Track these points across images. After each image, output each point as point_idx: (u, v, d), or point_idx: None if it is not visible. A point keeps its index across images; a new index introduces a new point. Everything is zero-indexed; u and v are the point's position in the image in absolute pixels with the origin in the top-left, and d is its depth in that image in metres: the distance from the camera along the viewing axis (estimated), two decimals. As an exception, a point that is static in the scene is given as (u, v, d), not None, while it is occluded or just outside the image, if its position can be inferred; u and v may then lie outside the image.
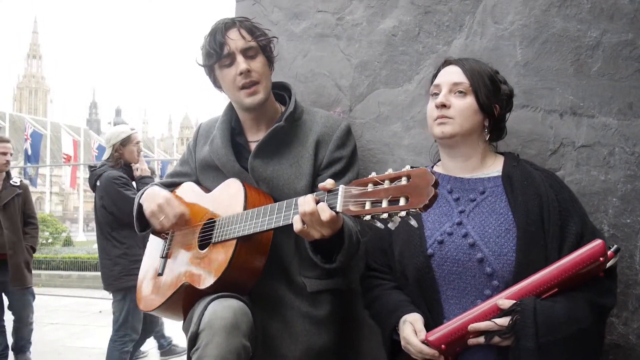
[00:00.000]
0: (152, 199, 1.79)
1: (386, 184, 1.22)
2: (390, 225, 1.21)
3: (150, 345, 5.73)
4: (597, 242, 1.34)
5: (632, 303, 1.63)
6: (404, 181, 1.19)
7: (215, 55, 1.70)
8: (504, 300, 1.34)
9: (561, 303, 1.32)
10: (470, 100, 1.52)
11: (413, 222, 1.20)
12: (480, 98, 1.52)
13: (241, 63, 1.68)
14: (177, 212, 1.74)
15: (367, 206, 1.24)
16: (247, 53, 1.69)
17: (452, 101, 1.53)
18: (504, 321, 1.31)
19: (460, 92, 1.53)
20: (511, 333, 1.30)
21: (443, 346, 1.36)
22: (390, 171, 1.24)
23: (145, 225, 1.88)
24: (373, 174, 1.27)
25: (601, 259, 1.32)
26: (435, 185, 1.15)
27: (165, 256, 1.82)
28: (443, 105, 1.52)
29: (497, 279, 1.41)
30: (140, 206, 1.85)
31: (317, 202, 1.38)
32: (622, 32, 1.69)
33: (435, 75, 1.63)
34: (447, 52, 1.89)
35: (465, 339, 1.35)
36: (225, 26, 1.70)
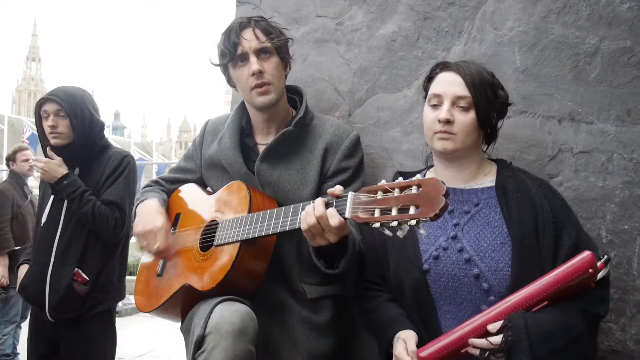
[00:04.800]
0: (141, 220, 1.77)
1: (396, 192, 1.22)
2: (399, 233, 1.21)
3: (146, 349, 5.72)
4: (586, 253, 1.31)
5: (629, 309, 1.63)
6: (414, 190, 1.20)
7: (229, 54, 1.70)
8: (493, 324, 1.31)
9: (552, 313, 1.31)
10: (472, 116, 1.48)
11: (422, 231, 1.20)
12: (480, 114, 1.48)
13: (254, 64, 1.67)
14: (158, 247, 1.71)
15: (377, 214, 1.24)
16: (260, 54, 1.68)
17: (455, 116, 1.48)
18: (498, 339, 1.29)
19: (463, 107, 1.48)
20: (505, 351, 1.28)
21: None
22: (400, 179, 1.24)
23: None
24: (383, 182, 1.27)
25: (590, 270, 1.29)
26: (446, 195, 1.15)
27: (165, 257, 1.80)
28: (447, 121, 1.47)
29: (494, 294, 1.40)
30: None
31: (326, 207, 1.38)
32: (621, 39, 1.70)
33: (430, 78, 1.58)
34: (446, 58, 1.89)
35: (457, 355, 1.34)
36: (240, 26, 1.69)
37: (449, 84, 1.50)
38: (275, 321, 1.65)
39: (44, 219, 2.51)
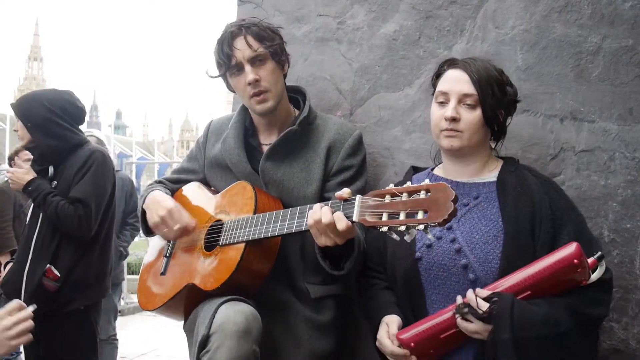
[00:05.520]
0: (154, 209, 1.75)
1: (404, 197, 1.23)
2: (406, 237, 1.22)
3: (148, 349, 5.73)
4: (572, 244, 1.31)
5: (632, 308, 1.63)
6: (422, 194, 1.20)
7: (224, 65, 1.70)
8: (483, 290, 1.34)
9: (539, 305, 1.32)
10: (479, 113, 1.48)
11: (430, 236, 1.22)
12: (486, 112, 1.48)
13: (249, 73, 1.67)
14: (181, 226, 1.70)
15: (384, 217, 1.25)
16: (255, 61, 1.68)
17: (462, 113, 1.48)
18: (484, 305, 1.31)
19: (469, 104, 1.48)
20: (483, 318, 1.30)
21: (412, 344, 1.38)
22: (408, 184, 1.25)
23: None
24: (391, 186, 1.27)
25: (575, 261, 1.29)
26: (455, 200, 1.16)
27: (169, 256, 1.79)
28: (453, 119, 1.48)
29: (480, 285, 1.41)
30: (143, 210, 1.83)
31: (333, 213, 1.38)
32: (623, 38, 1.69)
33: (438, 75, 1.58)
34: (448, 56, 1.89)
35: (436, 338, 1.37)
36: (231, 35, 1.68)
37: (456, 81, 1.51)
38: (278, 320, 1.66)
39: (28, 217, 2.59)
